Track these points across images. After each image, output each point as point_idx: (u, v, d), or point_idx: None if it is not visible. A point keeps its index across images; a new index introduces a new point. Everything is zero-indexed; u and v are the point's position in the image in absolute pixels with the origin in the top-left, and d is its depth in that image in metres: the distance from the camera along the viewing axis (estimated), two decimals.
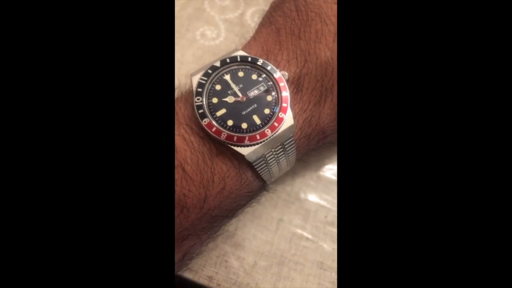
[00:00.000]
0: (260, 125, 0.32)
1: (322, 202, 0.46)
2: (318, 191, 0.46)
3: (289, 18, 0.36)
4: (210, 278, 0.42)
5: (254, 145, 0.32)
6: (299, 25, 0.35)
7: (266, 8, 0.54)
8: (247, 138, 0.31)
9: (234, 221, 0.44)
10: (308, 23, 0.35)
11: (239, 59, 0.34)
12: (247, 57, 0.34)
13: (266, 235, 0.44)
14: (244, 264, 0.43)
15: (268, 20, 0.38)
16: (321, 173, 0.47)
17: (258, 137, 0.32)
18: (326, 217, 0.45)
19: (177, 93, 0.36)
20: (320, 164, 0.47)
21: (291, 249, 0.43)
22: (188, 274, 0.42)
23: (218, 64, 0.34)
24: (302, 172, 0.47)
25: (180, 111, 0.34)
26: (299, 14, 0.36)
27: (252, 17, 0.55)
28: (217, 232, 0.39)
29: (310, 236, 0.44)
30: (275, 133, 0.32)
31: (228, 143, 0.31)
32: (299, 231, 0.44)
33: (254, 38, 0.38)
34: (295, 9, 0.36)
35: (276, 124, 0.32)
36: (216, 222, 0.36)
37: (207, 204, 0.33)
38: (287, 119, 0.32)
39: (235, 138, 0.31)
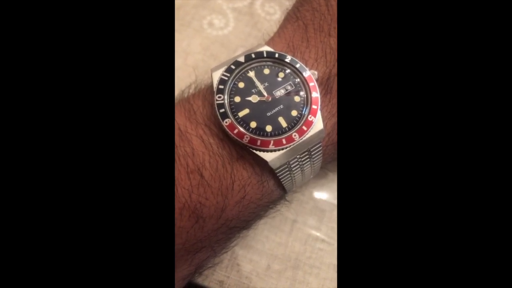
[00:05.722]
0: (287, 128, 0.30)
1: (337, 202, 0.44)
2: (333, 190, 0.44)
3: (318, 13, 0.34)
4: (221, 282, 0.40)
5: (279, 150, 0.29)
6: (329, 21, 0.33)
7: None
8: (272, 142, 0.29)
9: None
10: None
11: (265, 55, 0.31)
12: (274, 53, 0.31)
13: (280, 237, 0.42)
14: (257, 268, 0.41)
15: (294, 15, 0.35)
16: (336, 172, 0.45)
17: (284, 141, 0.29)
18: None
19: (193, 89, 0.34)
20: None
21: (306, 252, 0.42)
22: (198, 279, 0.40)
23: (242, 59, 0.31)
24: None
25: (199, 110, 0.31)
26: (329, 9, 0.33)
27: (262, 7, 0.52)
28: (232, 243, 0.37)
29: (325, 238, 0.42)
30: (303, 138, 0.29)
31: (251, 147, 0.29)
32: (314, 232, 0.43)
33: (278, 34, 0.35)
34: (324, 4, 0.34)
35: (304, 128, 0.29)
36: (232, 233, 0.34)
37: (225, 214, 0.30)
38: (317, 123, 0.30)
39: (258, 142, 0.29)
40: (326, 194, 0.44)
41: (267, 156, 0.29)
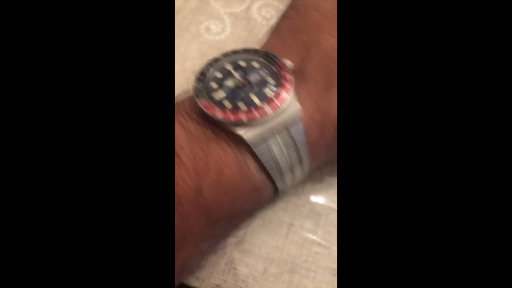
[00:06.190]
0: (260, 104, 0.31)
1: (334, 205, 0.43)
2: (330, 194, 0.44)
3: (289, 20, 0.39)
4: (218, 286, 0.40)
5: (253, 125, 0.30)
6: (299, 23, 0.37)
7: (273, 2, 0.53)
8: (245, 116, 0.30)
9: (242, 226, 0.42)
10: (307, 18, 0.37)
11: (242, 51, 0.35)
12: (250, 48, 0.35)
13: (276, 240, 0.42)
14: (253, 271, 0.40)
15: (275, 31, 0.41)
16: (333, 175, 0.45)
17: (257, 115, 0.30)
18: None
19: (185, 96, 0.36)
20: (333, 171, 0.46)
21: (302, 255, 0.41)
22: (194, 283, 0.39)
23: (220, 56, 0.35)
24: (313, 174, 0.44)
25: (184, 105, 0.34)
26: (298, 13, 0.38)
27: (259, 11, 0.53)
28: (221, 245, 0.37)
29: (322, 241, 0.42)
30: (276, 113, 0.31)
31: (225, 123, 0.30)
32: (311, 235, 0.42)
33: (261, 47, 0.39)
34: (295, 11, 0.39)
35: (277, 102, 0.31)
36: (218, 230, 0.34)
37: (203, 197, 0.30)
38: (291, 102, 0.31)
39: (232, 117, 0.30)
40: (323, 198, 0.44)
41: (242, 131, 0.30)
